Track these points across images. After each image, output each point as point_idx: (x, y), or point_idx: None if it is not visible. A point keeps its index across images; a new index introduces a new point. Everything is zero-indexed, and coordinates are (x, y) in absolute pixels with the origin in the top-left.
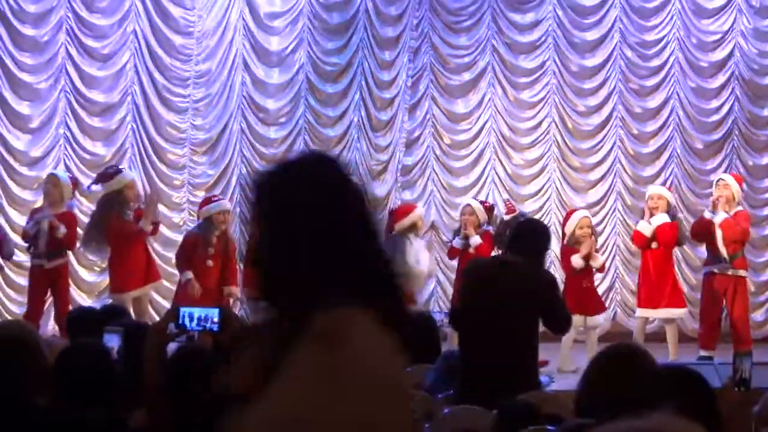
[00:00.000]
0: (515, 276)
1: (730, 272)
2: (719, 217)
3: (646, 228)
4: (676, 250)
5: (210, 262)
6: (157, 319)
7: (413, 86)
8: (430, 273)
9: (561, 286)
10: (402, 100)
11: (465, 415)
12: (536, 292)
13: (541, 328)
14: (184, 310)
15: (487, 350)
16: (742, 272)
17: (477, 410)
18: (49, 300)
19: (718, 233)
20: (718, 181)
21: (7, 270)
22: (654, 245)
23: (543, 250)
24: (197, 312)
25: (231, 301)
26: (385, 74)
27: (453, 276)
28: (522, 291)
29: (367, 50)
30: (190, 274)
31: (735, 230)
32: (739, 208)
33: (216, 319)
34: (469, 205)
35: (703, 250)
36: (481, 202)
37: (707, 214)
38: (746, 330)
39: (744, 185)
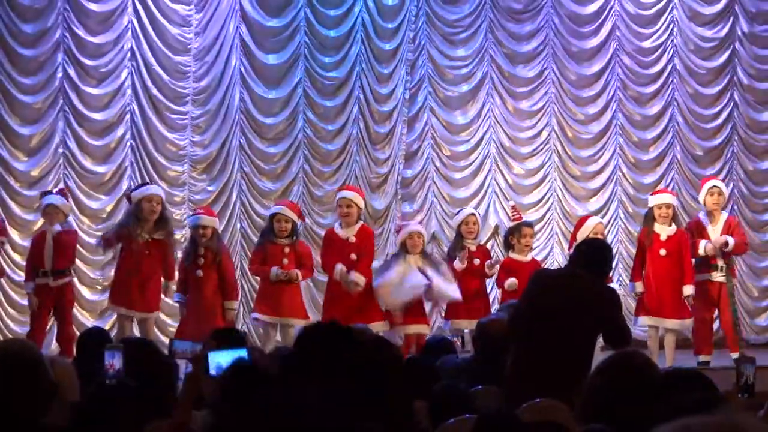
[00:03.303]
0: (581, 289)
1: (723, 278)
2: (719, 226)
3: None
4: None
5: (200, 272)
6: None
7: (411, 99)
8: (414, 295)
9: None
10: (400, 112)
11: None
12: (600, 307)
13: None
14: (213, 356)
15: (542, 356)
16: (735, 279)
17: None
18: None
19: (730, 242)
20: (712, 188)
21: (8, 289)
22: (662, 252)
23: (607, 269)
24: (225, 357)
25: (233, 315)
26: (383, 87)
27: None
28: (586, 304)
29: (365, 64)
30: (178, 297)
31: (738, 235)
32: (727, 213)
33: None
34: (473, 214)
35: None
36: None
37: (710, 236)
38: (737, 334)
39: (737, 190)
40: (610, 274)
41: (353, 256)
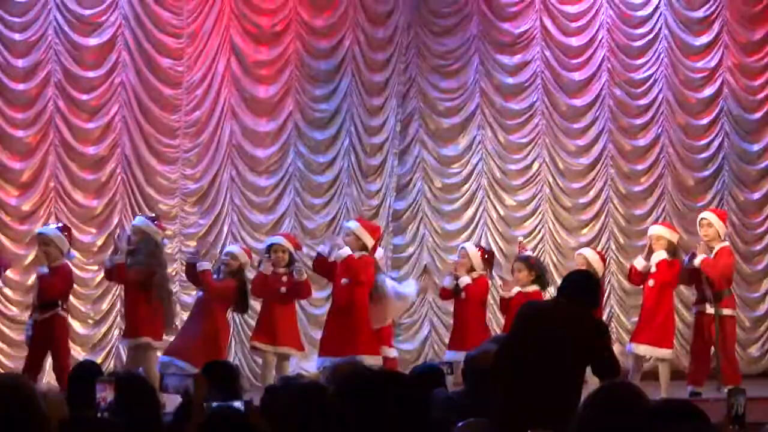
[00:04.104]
0: (568, 320)
1: (713, 311)
2: (698, 260)
3: (639, 263)
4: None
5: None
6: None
7: (402, 131)
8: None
9: None
10: (391, 145)
11: None
12: (588, 339)
13: None
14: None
15: (531, 388)
16: (727, 311)
17: None
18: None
19: (702, 274)
20: (701, 220)
21: (2, 326)
22: (650, 283)
23: (596, 301)
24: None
25: None
26: (374, 120)
27: (449, 320)
28: (573, 335)
29: (356, 96)
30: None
31: (715, 269)
32: (725, 243)
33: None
34: (463, 248)
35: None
36: (478, 247)
37: (695, 261)
38: (735, 366)
39: (729, 221)
40: (600, 306)
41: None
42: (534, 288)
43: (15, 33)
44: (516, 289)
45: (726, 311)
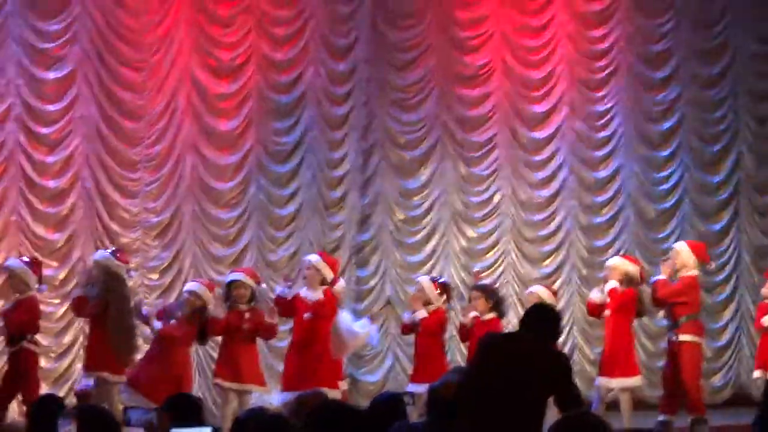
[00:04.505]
0: (530, 352)
1: (674, 338)
2: (654, 278)
3: (595, 295)
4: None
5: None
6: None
7: (364, 163)
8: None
9: None
10: (353, 177)
11: None
12: (550, 371)
13: None
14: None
15: (492, 419)
16: (687, 337)
17: None
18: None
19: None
20: (671, 249)
21: None
22: (606, 312)
23: (556, 334)
24: None
25: None
26: (336, 152)
27: (411, 351)
28: (535, 367)
29: (317, 129)
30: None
31: (664, 290)
32: (692, 273)
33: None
34: (418, 282)
35: (660, 319)
36: (433, 280)
37: (652, 279)
38: (696, 395)
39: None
40: (559, 339)
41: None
42: (491, 315)
43: None
44: (473, 313)
45: (685, 337)
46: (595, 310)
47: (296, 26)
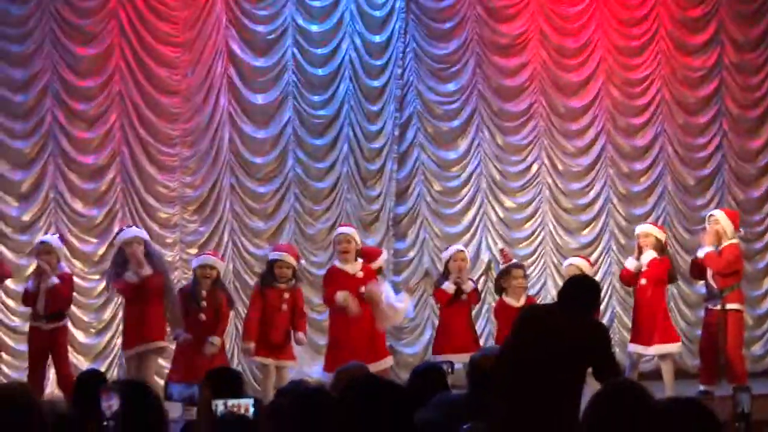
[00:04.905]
0: (568, 323)
1: (719, 306)
2: (701, 252)
3: (631, 263)
4: (672, 287)
5: (202, 316)
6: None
7: (401, 135)
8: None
9: None
10: (390, 149)
11: None
12: (588, 341)
13: None
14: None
15: (531, 391)
16: (733, 306)
17: None
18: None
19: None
20: (709, 216)
21: (3, 335)
22: (643, 281)
23: (595, 305)
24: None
25: (214, 350)
26: (373, 125)
27: None
28: (573, 338)
29: (353, 102)
30: (182, 333)
31: (718, 263)
32: (733, 241)
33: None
34: (462, 251)
35: (699, 286)
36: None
37: (700, 252)
38: (739, 364)
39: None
40: (598, 309)
41: (362, 289)
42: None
43: (12, 44)
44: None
45: (731, 305)
46: (628, 277)
47: None
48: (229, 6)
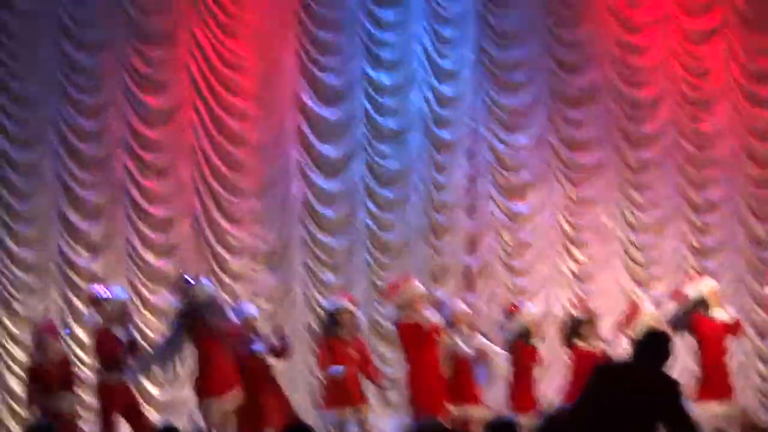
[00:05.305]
0: (642, 381)
1: None
2: None
3: (723, 316)
4: (748, 342)
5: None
6: None
7: (472, 187)
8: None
9: None
10: (460, 200)
11: None
12: (661, 398)
13: None
14: None
15: None
16: None
17: None
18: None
19: None
20: None
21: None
22: (725, 337)
23: (667, 359)
24: None
25: None
26: (444, 176)
27: None
28: (647, 396)
29: (425, 153)
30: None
31: None
32: None
33: None
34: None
35: None
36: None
37: None
38: None
39: None
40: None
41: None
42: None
43: (83, 94)
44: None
45: None
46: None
47: (402, 50)
48: (300, 57)
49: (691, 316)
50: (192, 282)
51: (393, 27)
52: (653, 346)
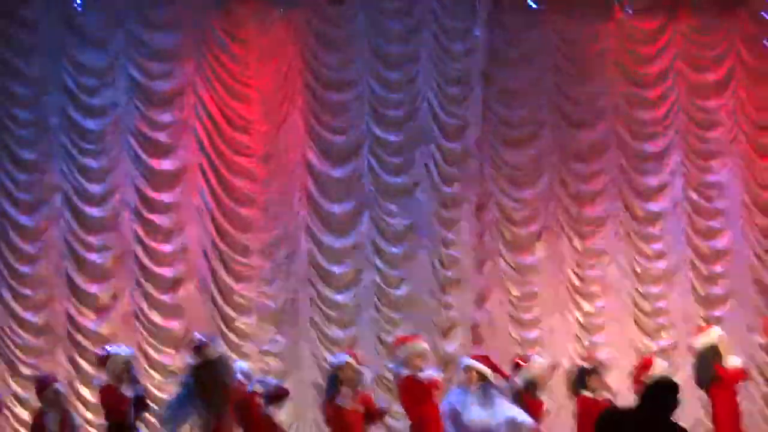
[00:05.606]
0: (652, 429)
1: None
2: None
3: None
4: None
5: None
6: None
7: (479, 241)
8: None
9: None
10: (468, 256)
11: None
12: None
13: None
14: None
15: None
16: None
17: None
18: None
19: None
20: None
21: None
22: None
23: (675, 407)
24: None
25: None
26: (451, 233)
27: None
28: None
29: (431, 209)
30: None
31: None
32: None
33: None
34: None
35: None
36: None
37: None
38: None
39: None
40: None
41: None
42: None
43: (88, 158)
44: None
45: None
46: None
47: (409, 108)
48: (306, 117)
49: (713, 367)
50: (205, 341)
51: (399, 87)
52: (661, 395)
